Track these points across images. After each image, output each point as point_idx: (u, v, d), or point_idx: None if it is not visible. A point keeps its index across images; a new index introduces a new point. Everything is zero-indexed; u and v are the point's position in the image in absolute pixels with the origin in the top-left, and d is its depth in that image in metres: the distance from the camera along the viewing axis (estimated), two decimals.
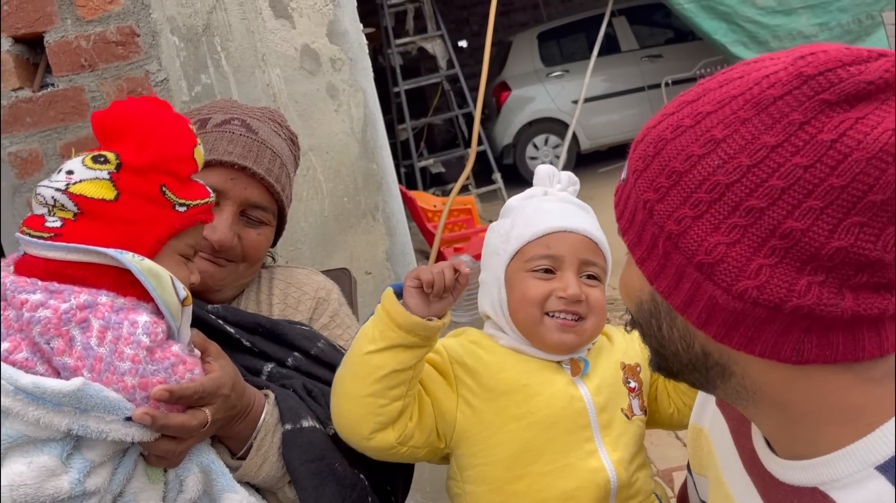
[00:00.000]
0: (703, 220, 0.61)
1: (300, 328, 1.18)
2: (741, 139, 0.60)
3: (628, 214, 0.69)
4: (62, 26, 1.78)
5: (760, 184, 0.59)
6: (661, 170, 0.64)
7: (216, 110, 1.22)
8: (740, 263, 0.60)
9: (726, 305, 0.61)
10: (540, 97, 8.54)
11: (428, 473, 2.05)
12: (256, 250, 1.18)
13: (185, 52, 1.83)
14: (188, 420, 0.90)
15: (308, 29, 1.87)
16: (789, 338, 0.60)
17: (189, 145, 0.96)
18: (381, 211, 1.96)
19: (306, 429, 1.03)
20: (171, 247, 0.96)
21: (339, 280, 1.36)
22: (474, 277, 3.95)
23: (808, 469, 0.66)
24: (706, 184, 0.61)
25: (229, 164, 1.12)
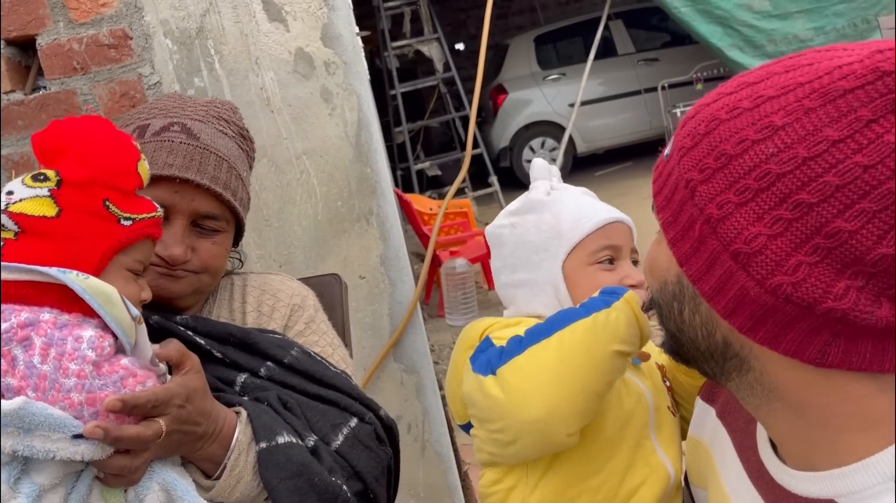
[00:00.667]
0: (746, 208, 0.59)
1: (272, 336, 1.15)
2: (802, 129, 0.57)
3: (667, 192, 0.67)
4: (54, 29, 1.77)
5: (815, 178, 0.56)
6: (711, 150, 0.62)
7: (156, 113, 1.17)
8: (779, 257, 0.58)
9: (757, 298, 0.59)
10: (537, 100, 8.55)
11: (422, 478, 2.04)
12: (214, 259, 1.14)
13: (179, 55, 1.82)
14: (142, 431, 0.87)
15: (302, 32, 1.86)
16: (816, 339, 0.59)
17: (132, 160, 0.95)
18: (376, 215, 1.95)
19: (282, 445, 1.00)
20: (118, 262, 0.94)
21: (329, 286, 1.35)
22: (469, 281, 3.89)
23: (823, 480, 0.64)
24: (756, 170, 0.58)
25: (171, 178, 1.08)
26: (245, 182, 1.18)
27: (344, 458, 1.06)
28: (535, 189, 1.14)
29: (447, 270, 4.25)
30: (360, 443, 1.09)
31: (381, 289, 1.98)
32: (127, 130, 1.13)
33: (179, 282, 1.11)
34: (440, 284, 4.42)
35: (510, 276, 1.11)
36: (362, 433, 1.10)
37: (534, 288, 1.09)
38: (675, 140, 0.67)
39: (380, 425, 1.14)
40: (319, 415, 1.08)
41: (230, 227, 1.17)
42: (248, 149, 1.23)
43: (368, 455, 1.09)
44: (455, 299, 4.22)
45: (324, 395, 1.11)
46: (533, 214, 1.10)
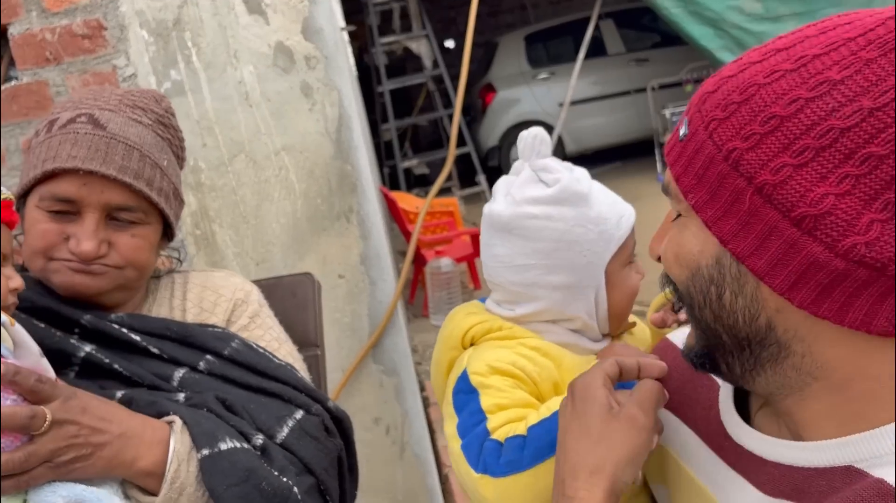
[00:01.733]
0: (808, 169, 0.56)
1: (212, 330, 1.11)
2: (864, 80, 0.54)
3: (697, 169, 0.62)
4: (27, 18, 1.73)
5: (883, 129, 0.53)
6: (754, 116, 0.58)
7: (69, 106, 1.12)
8: (850, 217, 0.54)
9: (826, 264, 0.56)
10: (526, 99, 8.52)
11: (400, 480, 2.01)
12: (135, 252, 1.08)
13: (155, 46, 1.77)
14: (19, 409, 0.80)
15: (282, 25, 1.82)
16: (884, 306, 0.56)
17: None
18: (356, 213, 1.91)
19: (225, 451, 0.96)
20: None
21: (302, 285, 1.31)
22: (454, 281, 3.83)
23: (844, 446, 0.60)
24: (816, 128, 0.55)
25: (74, 170, 1.02)
26: (166, 171, 1.12)
27: (290, 451, 1.02)
28: (576, 176, 1.00)
29: (432, 270, 4.21)
30: (306, 434, 1.06)
31: (361, 288, 1.94)
32: (39, 128, 1.09)
33: (98, 278, 1.05)
34: (425, 284, 4.39)
35: (545, 277, 0.98)
36: (308, 425, 1.07)
37: (575, 292, 0.99)
38: (696, 117, 0.63)
39: (328, 416, 1.11)
40: (262, 408, 1.05)
41: (150, 218, 1.11)
42: (169, 136, 1.16)
43: (316, 446, 1.06)
44: (440, 299, 4.18)
45: (266, 388, 1.07)
46: (573, 208, 0.97)
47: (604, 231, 0.96)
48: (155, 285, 1.20)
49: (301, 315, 1.24)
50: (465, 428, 0.91)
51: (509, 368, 0.92)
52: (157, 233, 1.13)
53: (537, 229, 0.96)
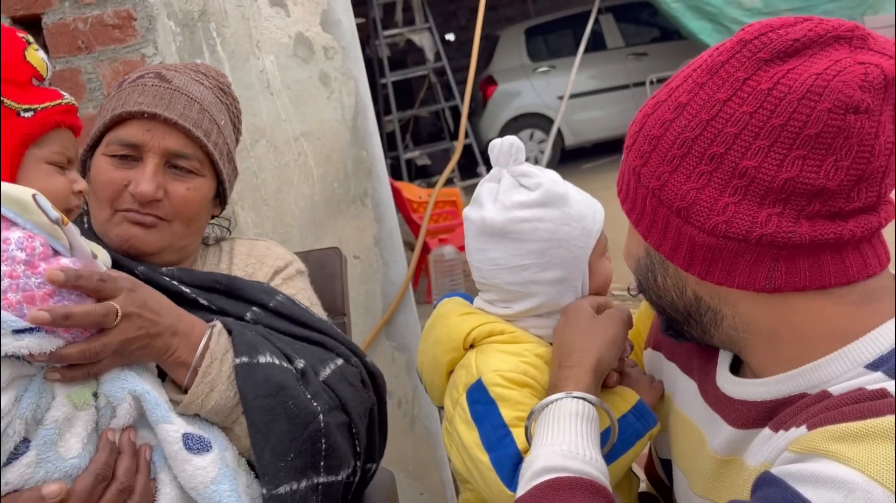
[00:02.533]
0: (677, 173, 0.72)
1: (258, 284, 1.17)
2: (700, 100, 0.71)
3: (624, 186, 0.80)
4: (60, 8, 1.81)
5: (718, 133, 0.70)
6: (645, 139, 0.76)
7: (137, 71, 1.20)
8: (710, 203, 0.70)
9: (703, 242, 0.72)
10: (526, 92, 8.61)
11: (411, 452, 2.11)
12: (186, 205, 1.13)
13: (182, 36, 1.86)
14: (91, 307, 0.85)
15: (302, 17, 1.91)
16: (761, 268, 0.70)
17: (17, 49, 0.92)
18: (371, 197, 2.01)
19: (263, 364, 1.00)
20: (33, 157, 0.93)
21: (330, 259, 1.40)
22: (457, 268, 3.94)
23: (795, 377, 0.73)
24: (677, 141, 0.72)
25: (140, 114, 1.09)
26: (223, 131, 1.18)
27: (331, 389, 1.07)
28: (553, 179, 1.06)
29: (436, 257, 4.31)
30: (345, 379, 1.11)
31: (375, 268, 2.04)
32: (111, 91, 1.18)
33: (151, 231, 1.11)
34: (428, 271, 4.49)
35: (540, 274, 1.04)
36: (348, 372, 1.12)
37: (566, 284, 1.06)
38: (624, 145, 0.81)
39: (364, 370, 1.16)
40: (306, 350, 1.09)
41: (205, 170, 1.16)
42: (228, 102, 1.23)
43: (353, 392, 1.11)
44: (443, 286, 4.28)
45: (309, 337, 1.13)
46: (557, 209, 1.03)
47: (584, 227, 1.05)
48: (203, 251, 1.26)
49: (329, 286, 1.32)
50: (490, 442, 0.95)
51: (522, 378, 0.99)
52: (210, 190, 1.18)
53: (530, 231, 1.02)
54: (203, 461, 0.93)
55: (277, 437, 0.98)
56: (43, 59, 0.95)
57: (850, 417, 0.62)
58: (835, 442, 0.61)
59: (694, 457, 0.87)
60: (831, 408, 0.66)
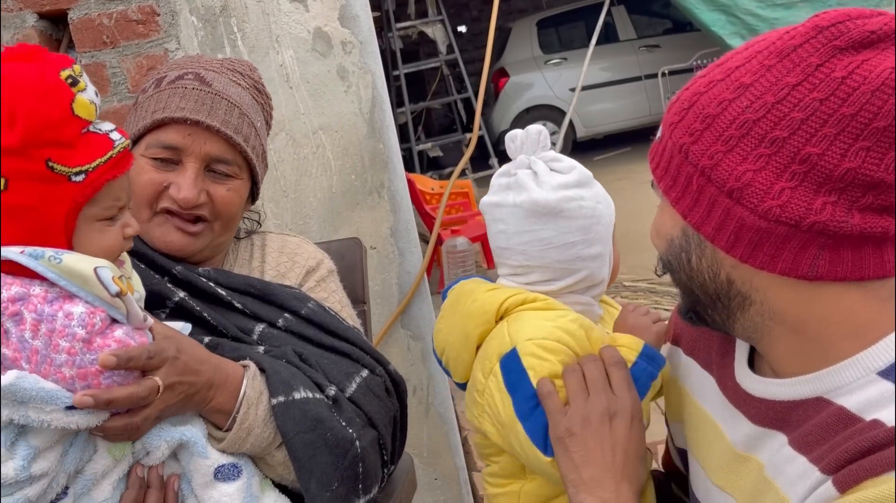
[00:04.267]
0: (733, 153, 0.72)
1: (290, 290, 1.19)
2: (766, 82, 0.71)
3: (664, 164, 0.79)
4: (85, 4, 1.86)
5: (783, 117, 0.69)
6: (696, 117, 0.75)
7: (174, 67, 1.20)
8: (765, 186, 0.70)
9: (752, 225, 0.72)
10: (538, 84, 8.62)
11: (426, 438, 2.15)
12: (228, 207, 1.16)
13: (203, 31, 1.91)
14: (135, 389, 0.88)
15: (321, 12, 1.95)
16: (806, 254, 0.71)
17: (63, 104, 0.85)
18: (387, 189, 2.05)
19: (298, 400, 1.04)
20: (85, 217, 0.89)
21: (351, 249, 1.44)
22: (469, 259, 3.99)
23: (812, 381, 0.76)
24: (736, 122, 0.72)
25: (182, 120, 1.10)
26: (259, 133, 1.20)
27: (357, 405, 1.11)
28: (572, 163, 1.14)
29: (448, 248, 4.35)
30: (371, 391, 1.15)
31: (391, 259, 2.08)
32: (147, 86, 1.18)
33: (194, 239, 1.14)
34: (440, 262, 4.53)
35: (585, 250, 1.10)
36: (373, 383, 1.16)
37: (605, 258, 1.13)
38: (664, 123, 0.80)
39: (388, 379, 1.20)
40: (333, 364, 1.13)
41: (243, 173, 1.18)
42: (263, 102, 1.25)
43: (378, 404, 1.15)
44: (455, 276, 4.33)
45: (337, 347, 1.16)
46: (590, 189, 1.11)
47: (609, 206, 1.14)
48: (235, 245, 1.29)
49: (350, 275, 1.36)
50: (522, 412, 0.99)
51: (555, 345, 1.02)
52: (247, 189, 1.21)
53: (576, 209, 1.08)
54: (230, 488, 0.98)
55: (321, 469, 1.02)
56: (91, 101, 0.88)
57: (873, 472, 0.66)
58: None
59: (711, 449, 0.89)
60: (853, 455, 0.68)
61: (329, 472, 1.03)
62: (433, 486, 2.19)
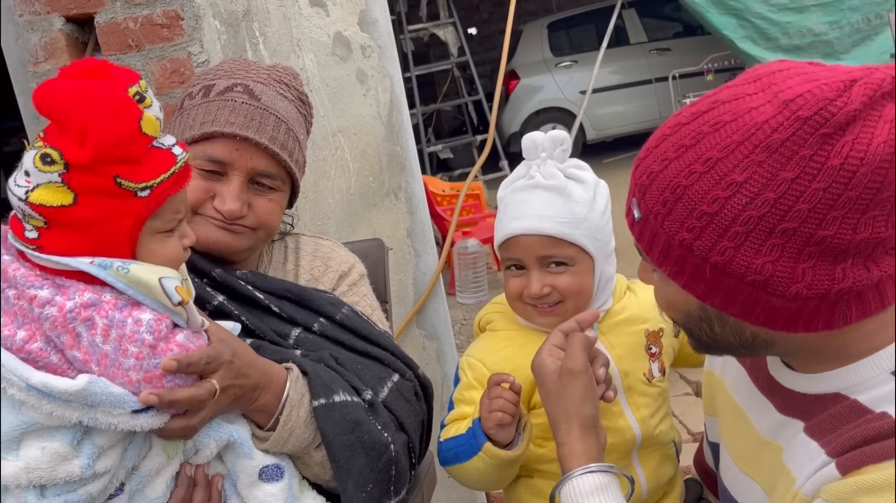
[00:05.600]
0: (744, 248, 0.72)
1: (325, 295, 1.22)
2: (762, 178, 0.71)
3: (660, 250, 0.79)
4: (112, 8, 1.90)
5: (789, 209, 0.70)
6: (690, 212, 0.75)
7: (221, 74, 1.20)
8: (787, 273, 0.72)
9: (784, 307, 0.74)
10: (548, 86, 8.65)
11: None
12: (270, 217, 1.18)
13: (226, 35, 1.95)
14: (195, 391, 0.92)
15: (341, 17, 1.99)
16: (837, 311, 0.74)
17: (132, 123, 0.88)
18: (404, 191, 2.08)
19: (338, 403, 1.07)
20: (148, 230, 0.93)
21: (372, 250, 1.47)
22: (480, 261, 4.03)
23: (831, 378, 0.80)
24: (740, 219, 0.72)
25: (231, 135, 1.11)
26: (302, 145, 1.22)
27: (389, 410, 1.14)
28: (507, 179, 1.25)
29: (459, 250, 4.38)
30: (401, 396, 1.18)
31: (407, 259, 2.12)
32: (193, 91, 1.20)
33: (237, 237, 1.16)
34: (451, 263, 4.56)
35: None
36: (403, 388, 1.19)
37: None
38: (643, 204, 0.80)
39: (417, 383, 1.24)
40: (366, 369, 1.16)
41: (286, 186, 1.20)
42: (306, 113, 1.27)
43: (409, 408, 1.18)
44: (466, 278, 4.35)
45: (370, 351, 1.19)
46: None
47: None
48: (269, 247, 1.31)
49: (373, 275, 1.39)
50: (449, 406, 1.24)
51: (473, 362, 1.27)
52: (287, 199, 1.24)
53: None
54: (273, 489, 1.03)
55: (358, 471, 1.06)
56: (157, 117, 0.92)
57: (874, 459, 0.70)
58: (864, 494, 0.69)
59: (739, 437, 0.94)
60: (858, 442, 0.72)
61: (365, 474, 1.06)
62: (447, 484, 2.21)
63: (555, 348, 1.07)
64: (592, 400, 1.03)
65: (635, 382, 1.22)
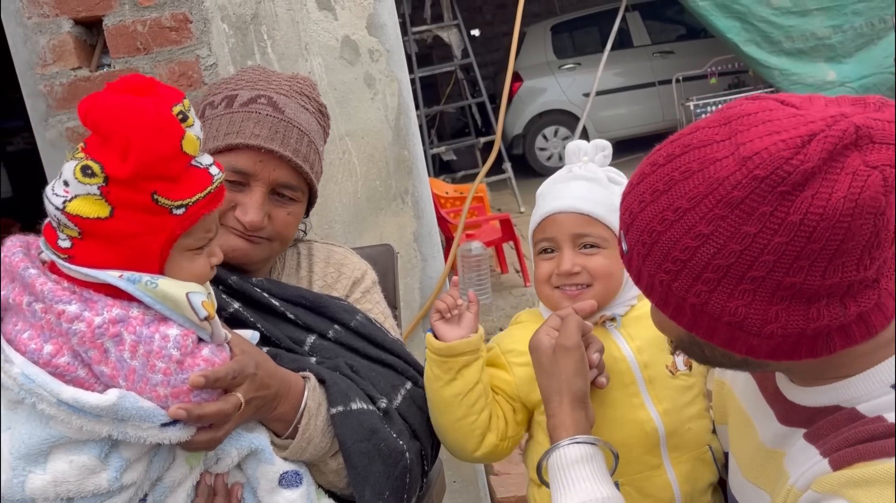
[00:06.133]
0: (718, 292, 0.74)
1: (340, 302, 1.23)
2: (726, 232, 0.72)
3: (646, 281, 0.82)
4: (120, 11, 1.90)
5: (755, 260, 0.71)
6: (665, 257, 0.77)
7: (243, 84, 1.20)
8: (760, 315, 0.73)
9: (762, 344, 0.75)
10: (551, 89, 8.64)
11: None
12: (287, 228, 1.20)
13: (234, 38, 1.95)
14: (222, 406, 0.94)
15: (349, 21, 1.99)
16: (820, 342, 0.75)
17: (174, 141, 0.89)
18: (411, 195, 2.08)
19: (355, 411, 1.08)
20: (179, 247, 0.94)
21: (382, 255, 1.47)
22: (484, 264, 4.04)
23: (831, 391, 0.81)
24: (710, 266, 0.74)
25: (256, 148, 1.12)
26: (321, 157, 1.25)
27: (403, 418, 1.15)
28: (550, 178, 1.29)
29: (463, 253, 4.38)
30: (414, 404, 1.19)
31: (414, 264, 2.11)
32: (215, 100, 1.20)
33: (256, 247, 1.17)
34: (455, 266, 4.56)
35: None
36: (416, 396, 1.20)
37: None
38: (629, 237, 0.83)
39: None
40: (380, 376, 1.17)
41: (304, 197, 1.23)
42: (324, 125, 1.28)
43: (421, 416, 1.19)
44: (470, 280, 4.35)
45: (383, 359, 1.20)
46: None
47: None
48: (282, 254, 1.31)
49: (382, 281, 1.39)
50: None
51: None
52: (304, 210, 1.25)
53: None
54: (293, 495, 1.04)
55: (375, 478, 1.07)
56: (197, 136, 0.93)
57: (866, 457, 0.72)
58: (852, 487, 0.71)
59: (744, 445, 0.95)
60: (852, 442, 0.74)
61: (382, 481, 1.07)
62: (452, 489, 2.21)
63: (551, 329, 1.11)
64: (583, 376, 1.07)
65: (658, 374, 1.21)
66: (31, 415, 0.88)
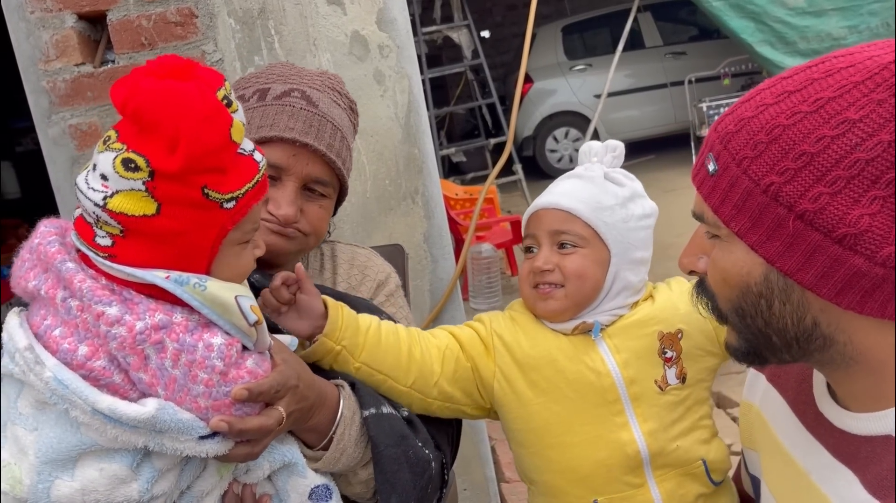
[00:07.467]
0: (842, 196, 0.65)
1: (366, 302, 1.21)
2: (879, 118, 0.63)
3: (734, 202, 0.71)
4: (124, 5, 1.86)
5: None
6: (785, 153, 0.67)
7: (275, 78, 1.18)
8: (884, 231, 0.64)
9: (869, 272, 0.65)
10: (562, 90, 8.59)
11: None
12: (320, 222, 1.18)
13: (241, 34, 1.90)
14: (265, 421, 0.90)
15: (358, 16, 1.94)
16: None
17: (223, 130, 0.83)
18: (421, 194, 2.03)
19: (386, 415, 1.06)
20: (228, 242, 0.89)
21: (393, 256, 1.43)
22: (494, 266, 3.98)
23: (883, 418, 0.71)
24: (844, 161, 0.64)
25: (291, 141, 1.10)
26: (351, 153, 1.23)
27: (426, 426, 1.12)
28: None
29: (473, 255, 4.33)
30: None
31: (424, 265, 2.06)
32: (246, 93, 1.17)
33: (289, 241, 1.14)
34: (465, 268, 4.51)
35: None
36: None
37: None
38: (724, 155, 0.72)
39: None
40: None
41: (335, 194, 1.21)
42: (355, 122, 1.27)
43: (441, 426, 1.17)
44: (480, 283, 4.30)
45: None
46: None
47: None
48: (306, 255, 1.29)
49: None
50: None
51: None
52: (334, 206, 1.23)
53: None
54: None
55: (402, 486, 1.04)
56: (242, 122, 0.87)
57: None
58: None
59: (781, 476, 0.86)
60: None
61: (408, 490, 1.04)
62: (463, 497, 2.16)
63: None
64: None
65: (645, 391, 1.13)
66: (62, 418, 0.83)
